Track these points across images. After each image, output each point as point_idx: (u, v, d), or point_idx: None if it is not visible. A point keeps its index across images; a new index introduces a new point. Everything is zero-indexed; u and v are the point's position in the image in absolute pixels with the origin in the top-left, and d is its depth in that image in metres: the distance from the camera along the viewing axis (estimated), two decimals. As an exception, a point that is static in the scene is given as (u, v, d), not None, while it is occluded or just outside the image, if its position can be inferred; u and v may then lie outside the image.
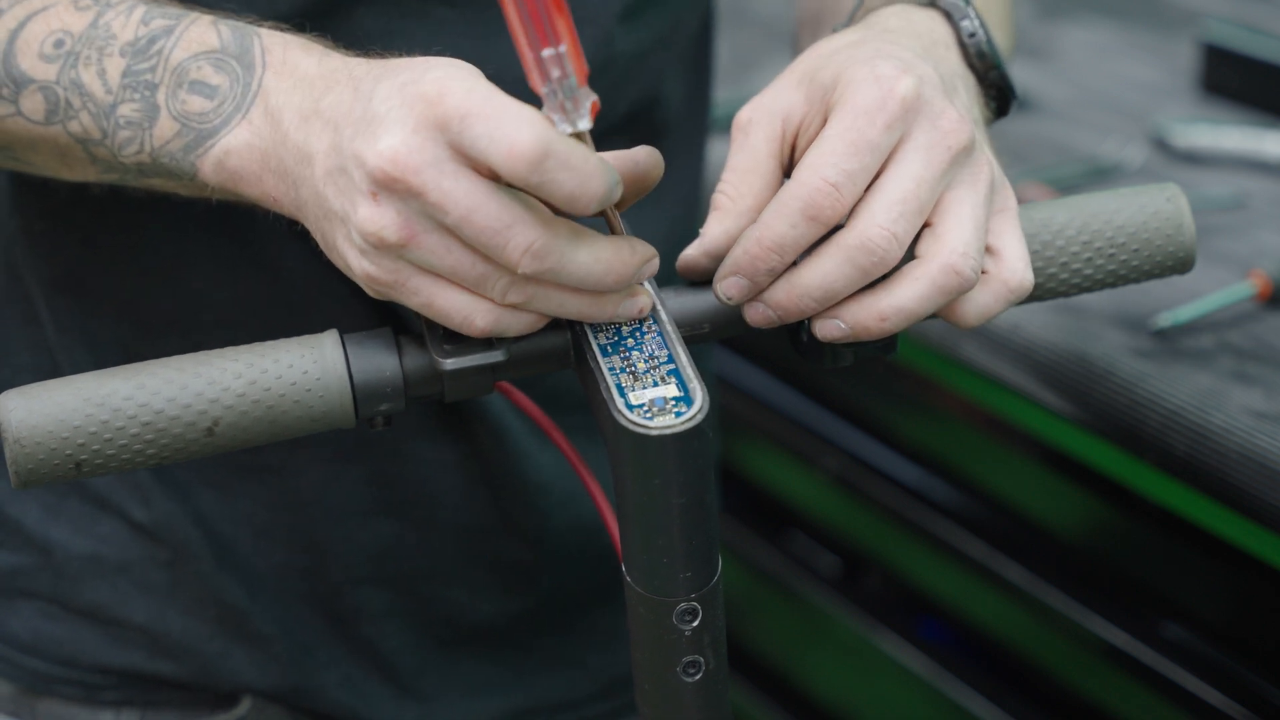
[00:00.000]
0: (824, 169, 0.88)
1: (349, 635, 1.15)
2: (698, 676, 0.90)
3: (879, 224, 0.88)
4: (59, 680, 1.14)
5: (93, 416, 0.87)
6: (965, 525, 1.51)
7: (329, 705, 1.16)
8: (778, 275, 0.89)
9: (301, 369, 0.90)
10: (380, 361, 0.90)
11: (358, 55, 0.91)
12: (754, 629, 1.76)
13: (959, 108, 0.91)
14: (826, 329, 0.90)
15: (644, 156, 0.88)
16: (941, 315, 0.92)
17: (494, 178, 0.83)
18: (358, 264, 0.86)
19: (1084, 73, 1.77)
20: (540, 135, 0.81)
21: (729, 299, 0.90)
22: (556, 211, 0.85)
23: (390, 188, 0.83)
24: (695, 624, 0.88)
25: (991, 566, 1.48)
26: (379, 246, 0.84)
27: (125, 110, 0.92)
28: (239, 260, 1.06)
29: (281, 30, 0.93)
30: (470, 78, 0.83)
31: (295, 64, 0.90)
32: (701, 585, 0.88)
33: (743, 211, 0.92)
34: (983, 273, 0.91)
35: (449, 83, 0.83)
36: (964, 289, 0.89)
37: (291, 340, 0.91)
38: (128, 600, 1.13)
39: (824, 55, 0.94)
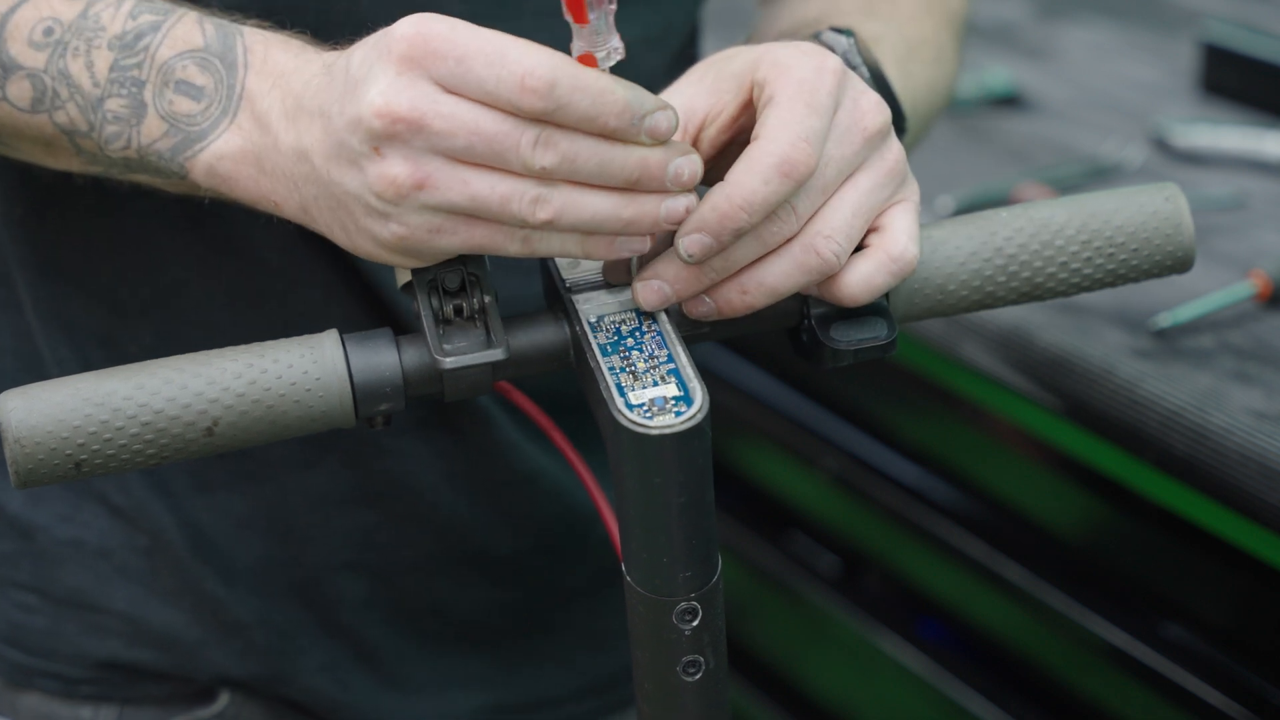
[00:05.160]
0: (794, 126, 0.88)
1: (328, 624, 1.15)
2: (697, 676, 0.90)
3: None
4: (38, 673, 1.14)
5: (92, 416, 0.87)
6: (965, 525, 1.51)
7: (308, 694, 1.15)
8: (742, 235, 0.89)
9: (301, 369, 0.89)
10: (380, 361, 0.90)
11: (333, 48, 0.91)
12: (754, 629, 1.76)
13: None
14: (695, 307, 0.91)
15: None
16: (826, 294, 0.92)
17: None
18: (387, 232, 0.85)
19: (1084, 73, 1.77)
20: (549, 59, 0.81)
21: (690, 256, 0.89)
22: None
23: (391, 134, 0.83)
24: (695, 623, 0.88)
25: (991, 566, 1.48)
26: (397, 199, 0.84)
27: (112, 105, 0.92)
28: (218, 248, 1.06)
29: (264, 28, 0.93)
30: (443, 18, 0.83)
31: (275, 61, 0.91)
32: (701, 585, 0.88)
33: None
34: (866, 246, 0.92)
35: (424, 24, 0.83)
36: (825, 270, 0.90)
37: (291, 340, 0.91)
38: (108, 586, 1.13)
39: (725, 54, 0.95)
